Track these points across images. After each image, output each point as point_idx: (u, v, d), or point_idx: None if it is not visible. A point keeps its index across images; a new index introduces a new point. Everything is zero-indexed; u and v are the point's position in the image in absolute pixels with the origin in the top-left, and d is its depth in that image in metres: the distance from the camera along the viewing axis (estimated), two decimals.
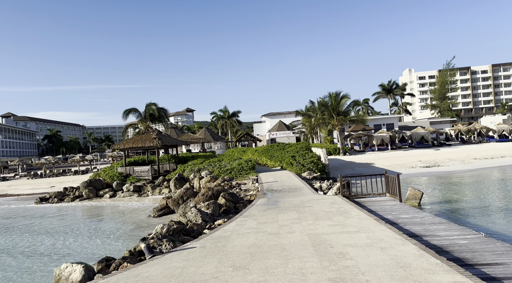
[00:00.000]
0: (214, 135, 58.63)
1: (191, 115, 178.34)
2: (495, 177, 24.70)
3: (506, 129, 51.38)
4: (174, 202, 16.51)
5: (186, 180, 25.90)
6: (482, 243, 7.81)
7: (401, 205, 13.08)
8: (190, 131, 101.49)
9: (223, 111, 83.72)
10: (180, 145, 39.88)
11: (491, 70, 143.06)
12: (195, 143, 53.59)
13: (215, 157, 35.32)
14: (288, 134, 68.11)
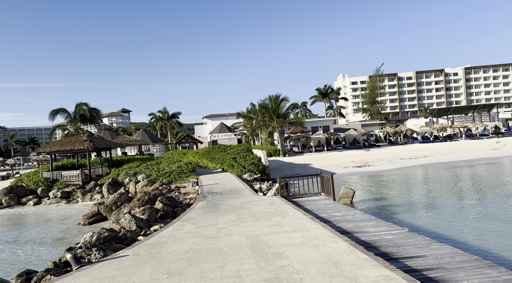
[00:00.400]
0: (152, 137, 56.68)
1: (127, 116, 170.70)
2: (419, 175, 26.96)
3: (427, 131, 56.48)
4: (106, 208, 15.60)
5: (121, 184, 24.66)
6: (406, 238, 8.42)
7: (334, 204, 13.69)
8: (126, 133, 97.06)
9: (162, 112, 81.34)
10: (115, 147, 37.89)
11: (415, 77, 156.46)
12: (132, 145, 51.32)
13: (153, 159, 34.12)
14: (229, 136, 68.16)
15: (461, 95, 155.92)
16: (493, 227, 11.74)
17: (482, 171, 26.55)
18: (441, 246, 7.56)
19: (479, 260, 6.57)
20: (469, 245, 9.90)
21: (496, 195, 17.30)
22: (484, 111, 73.05)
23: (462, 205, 15.62)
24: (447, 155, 37.63)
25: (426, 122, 71.92)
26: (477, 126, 58.63)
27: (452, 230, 11.60)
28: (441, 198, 17.59)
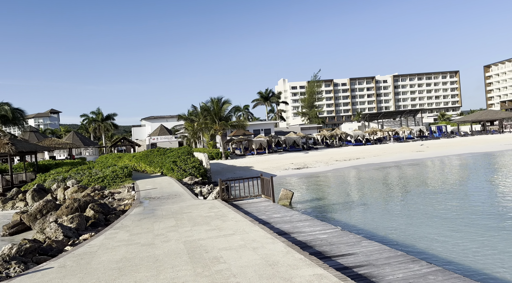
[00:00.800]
0: (84, 140, 53.26)
1: (57, 117, 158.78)
2: (352, 176, 28.49)
3: (360, 134, 60.04)
4: (30, 217, 14.26)
5: (48, 191, 22.77)
6: (339, 236, 8.81)
7: (274, 205, 13.93)
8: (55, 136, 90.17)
9: (96, 114, 76.86)
10: (41, 151, 34.95)
11: (349, 83, 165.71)
12: (61, 149, 47.73)
13: (84, 164, 32.03)
14: (170, 139, 66.39)
15: (390, 101, 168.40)
16: (417, 223, 12.76)
17: (408, 171, 28.81)
18: (370, 243, 8.03)
19: (404, 256, 7.08)
20: (395, 241, 10.63)
21: (420, 193, 18.85)
22: (410, 116, 79.59)
23: (390, 203, 16.79)
24: (377, 157, 40.27)
25: (359, 126, 76.44)
26: (404, 130, 63.62)
27: (381, 227, 12.39)
28: (371, 197, 18.75)
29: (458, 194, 18.01)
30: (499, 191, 18.17)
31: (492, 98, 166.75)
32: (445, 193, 18.30)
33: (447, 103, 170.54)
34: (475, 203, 15.36)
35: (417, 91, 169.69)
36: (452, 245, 10.02)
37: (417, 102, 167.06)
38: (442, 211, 14.27)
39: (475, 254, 9.19)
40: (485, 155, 36.89)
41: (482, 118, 69.67)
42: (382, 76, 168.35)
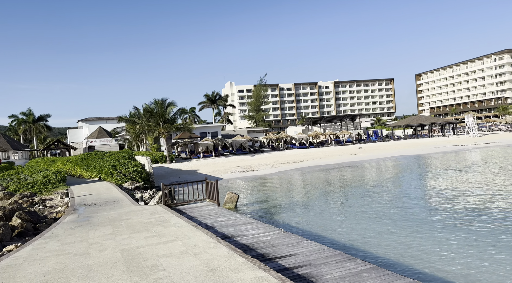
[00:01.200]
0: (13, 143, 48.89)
1: None
2: (296, 178, 29.24)
3: (304, 138, 61.95)
4: None
5: None
6: (281, 238, 8.95)
7: (219, 209, 13.82)
8: None
9: (26, 115, 70.97)
10: None
11: (294, 88, 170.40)
12: None
13: (12, 168, 29.36)
14: (109, 142, 63.22)
15: (332, 106, 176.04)
16: (354, 222, 13.39)
17: (347, 173, 30.22)
18: (310, 243, 8.25)
19: (341, 255, 7.36)
20: (334, 240, 11.05)
21: (358, 194, 19.85)
22: (350, 121, 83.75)
23: (330, 204, 17.46)
24: (319, 159, 41.79)
25: (303, 130, 78.80)
26: (344, 134, 66.78)
27: (321, 227, 12.83)
28: (314, 198, 19.37)
29: (392, 194, 19.23)
30: (428, 191, 19.72)
31: (422, 105, 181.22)
32: (380, 193, 19.46)
33: (382, 109, 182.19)
34: (407, 203, 16.50)
35: (356, 97, 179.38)
36: (386, 242, 10.65)
37: (356, 108, 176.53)
38: (377, 210, 15.13)
39: (406, 251, 9.85)
40: (416, 157, 39.90)
41: (414, 123, 75.38)
42: (325, 82, 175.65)
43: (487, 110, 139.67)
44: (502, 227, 11.34)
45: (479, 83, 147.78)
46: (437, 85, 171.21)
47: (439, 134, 75.10)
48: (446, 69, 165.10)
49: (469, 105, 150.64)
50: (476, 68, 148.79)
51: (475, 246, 9.79)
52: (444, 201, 16.20)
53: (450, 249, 9.67)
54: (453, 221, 12.52)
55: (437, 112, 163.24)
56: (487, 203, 15.17)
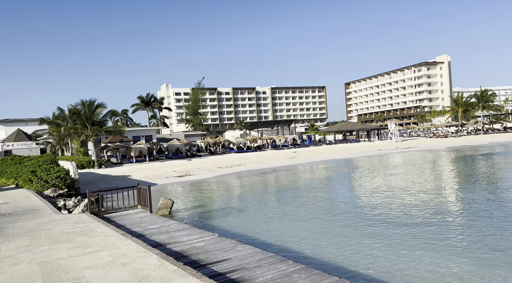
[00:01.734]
0: None
1: None
2: (234, 182, 29.28)
3: (242, 142, 62.39)
4: None
5: None
6: (215, 243, 8.85)
7: (151, 216, 13.28)
8: None
9: None
10: None
11: (232, 93, 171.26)
12: None
13: None
14: (30, 146, 57.73)
15: (269, 111, 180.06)
16: (288, 224, 13.74)
17: (283, 177, 31.03)
18: (244, 247, 8.27)
19: (274, 257, 7.48)
20: (268, 243, 11.22)
21: (292, 197, 20.43)
22: (286, 126, 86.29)
23: (266, 207, 17.74)
24: (257, 163, 42.38)
25: (241, 134, 79.41)
26: (280, 138, 68.59)
27: (256, 230, 12.96)
28: (250, 202, 19.53)
29: (323, 196, 20.12)
30: (356, 192, 20.97)
31: (351, 112, 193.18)
32: (312, 196, 20.25)
33: (316, 115, 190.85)
34: (337, 204, 17.37)
35: (292, 103, 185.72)
36: (317, 243, 11.07)
37: (292, 113, 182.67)
38: (310, 212, 15.71)
39: (335, 251, 10.32)
40: (346, 161, 42.31)
41: (343, 129, 79.96)
42: (262, 88, 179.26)
43: (408, 117, 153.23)
44: (423, 224, 12.43)
45: (400, 93, 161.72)
46: (364, 93, 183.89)
47: (366, 139, 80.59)
48: (372, 79, 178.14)
49: (392, 113, 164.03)
50: (398, 79, 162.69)
51: (398, 243, 10.59)
52: (370, 201, 17.34)
53: (375, 247, 10.34)
54: (379, 220, 13.43)
55: (364, 119, 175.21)
56: (409, 201, 16.54)
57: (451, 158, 38.39)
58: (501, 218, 12.60)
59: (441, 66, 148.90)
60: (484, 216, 12.97)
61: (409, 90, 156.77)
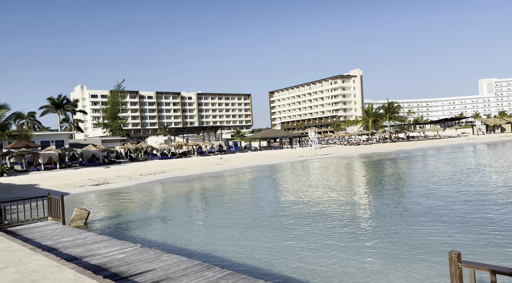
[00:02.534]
0: None
1: None
2: (157, 190, 28.22)
3: (166, 148, 60.55)
4: None
5: None
6: (138, 254, 8.45)
7: (64, 228, 12.19)
8: None
9: None
10: None
11: (155, 97, 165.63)
12: None
13: None
14: None
15: (195, 117, 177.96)
16: (215, 231, 13.68)
17: (209, 184, 30.83)
18: (170, 257, 8.03)
19: (200, 264, 7.39)
20: (195, 251, 11.05)
21: (218, 203, 20.40)
22: (212, 132, 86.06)
23: (192, 215, 17.44)
24: (182, 170, 41.47)
25: (165, 140, 77.11)
26: (206, 144, 68.15)
27: (182, 239, 12.66)
28: (174, 210, 19.02)
29: (249, 202, 20.46)
30: (280, 197, 21.71)
31: (275, 119, 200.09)
32: (238, 202, 20.47)
33: (241, 122, 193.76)
34: (263, 209, 17.80)
35: (218, 110, 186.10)
36: (243, 248, 11.21)
37: (218, 120, 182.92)
38: (236, 218, 15.85)
39: (261, 255, 10.56)
40: (270, 167, 43.61)
41: (268, 136, 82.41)
42: (188, 93, 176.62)
43: (326, 126, 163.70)
44: (341, 225, 13.33)
45: (319, 103, 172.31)
46: (286, 102, 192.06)
47: (288, 146, 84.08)
48: (294, 89, 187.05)
49: (312, 121, 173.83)
50: (317, 90, 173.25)
51: (319, 244, 11.20)
52: (292, 205, 18.09)
53: (299, 249, 10.81)
54: (301, 222, 14.07)
55: (287, 127, 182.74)
56: (328, 204, 17.61)
57: (363, 164, 41.92)
58: (406, 217, 14.11)
59: (354, 79, 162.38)
60: (392, 215, 14.39)
61: (327, 101, 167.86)
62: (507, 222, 12.35)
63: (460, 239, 10.80)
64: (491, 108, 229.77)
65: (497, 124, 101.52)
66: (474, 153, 47.35)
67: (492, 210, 14.33)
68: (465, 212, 14.17)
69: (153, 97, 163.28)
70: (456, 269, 4.44)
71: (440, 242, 10.66)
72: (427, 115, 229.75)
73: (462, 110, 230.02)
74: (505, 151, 47.71)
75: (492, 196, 17.36)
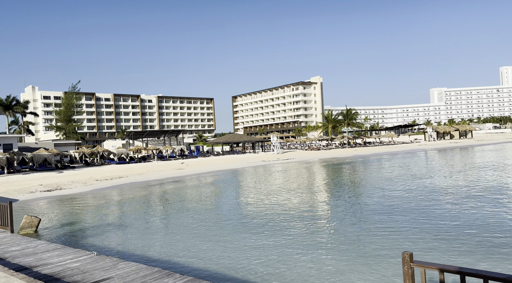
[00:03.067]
0: None
1: None
2: (114, 196, 27.21)
3: (124, 152, 58.61)
4: None
5: None
6: (94, 262, 8.10)
7: (12, 236, 11.44)
8: None
9: None
10: None
11: (113, 99, 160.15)
12: None
13: None
14: None
15: (155, 121, 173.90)
16: (175, 238, 13.42)
17: (170, 189, 30.20)
18: (127, 264, 7.78)
19: (160, 271, 7.22)
20: (155, 258, 10.77)
21: (180, 209, 20.03)
22: (173, 136, 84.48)
23: (152, 221, 16.99)
24: (141, 175, 40.31)
25: (123, 144, 74.65)
26: (167, 149, 66.79)
27: (141, 246, 12.30)
28: (134, 216, 18.44)
29: (210, 207, 20.29)
30: (241, 202, 21.71)
31: (238, 124, 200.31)
32: (200, 207, 20.23)
33: (204, 126, 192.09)
34: (223, 214, 17.71)
35: (179, 113, 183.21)
36: (204, 253, 11.09)
37: (180, 123, 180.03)
38: (197, 223, 15.65)
39: (222, 260, 10.50)
40: (232, 171, 43.53)
41: (230, 141, 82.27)
42: (148, 96, 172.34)
43: (287, 131, 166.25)
44: (302, 226, 13.55)
45: (281, 108, 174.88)
46: (249, 107, 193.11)
47: (251, 151, 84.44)
48: (257, 94, 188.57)
49: (274, 126, 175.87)
50: (279, 95, 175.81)
51: (278, 247, 11.32)
52: (253, 209, 18.16)
53: (259, 252, 10.86)
54: (261, 226, 14.15)
55: (249, 131, 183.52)
56: (288, 206, 17.85)
57: (323, 168, 43.00)
58: (362, 218, 14.64)
59: (315, 86, 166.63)
60: (348, 217, 14.87)
61: (289, 106, 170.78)
62: (455, 221, 13.18)
63: (412, 239, 11.37)
64: (441, 116, 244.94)
65: (446, 131, 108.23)
66: (425, 158, 50.15)
67: (441, 209, 15.24)
68: (416, 212, 14.95)
69: (110, 100, 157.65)
70: (409, 268, 4.69)
71: (394, 242, 11.17)
72: (382, 122, 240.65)
73: (415, 117, 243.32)
74: (454, 156, 50.97)
75: (441, 197, 18.46)
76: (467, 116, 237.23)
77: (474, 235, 11.45)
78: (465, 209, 15.45)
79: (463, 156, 50.81)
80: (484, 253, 9.84)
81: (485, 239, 10.97)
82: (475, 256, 9.56)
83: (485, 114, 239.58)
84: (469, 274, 4.33)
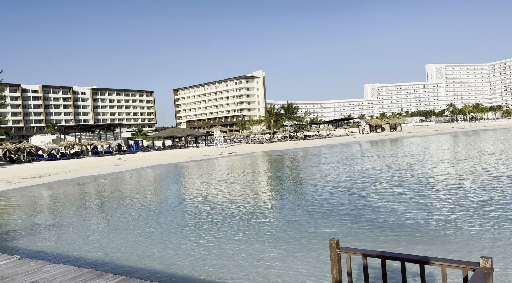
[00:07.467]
0: None
1: None
2: (43, 195, 25.27)
3: (54, 148, 54.54)
4: None
5: None
6: (16, 266, 7.47)
7: None
8: None
9: None
10: None
11: (42, 91, 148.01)
12: None
13: None
14: None
15: (89, 114, 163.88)
16: (110, 237, 12.83)
17: (106, 186, 28.76)
18: (54, 267, 7.28)
19: (90, 272, 6.86)
20: (87, 259, 10.22)
21: (115, 206, 19.17)
22: (110, 131, 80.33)
23: (84, 220, 16.06)
24: (74, 172, 37.86)
25: (53, 139, 69.49)
26: (103, 144, 63.37)
27: (72, 247, 11.59)
28: (63, 216, 17.29)
29: (150, 203, 19.69)
30: (181, 196, 21.35)
31: (180, 118, 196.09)
32: (139, 202, 19.55)
33: (144, 120, 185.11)
34: (162, 209, 17.30)
35: (116, 106, 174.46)
36: (139, 251, 10.75)
37: (117, 117, 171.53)
38: (133, 220, 15.11)
39: (158, 256, 10.26)
40: (174, 166, 42.62)
41: (172, 135, 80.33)
42: (81, 88, 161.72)
43: (231, 125, 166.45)
44: (243, 219, 13.68)
45: (224, 102, 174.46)
46: (192, 101, 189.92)
47: (194, 145, 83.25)
48: (200, 88, 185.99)
49: (218, 120, 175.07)
50: (222, 89, 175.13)
51: (221, 240, 11.33)
52: (195, 203, 17.97)
53: (201, 248, 10.79)
54: (204, 220, 14.05)
55: (192, 125, 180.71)
56: (232, 200, 17.92)
57: (266, 161, 43.81)
58: (298, 208, 15.19)
59: (258, 80, 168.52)
60: (286, 208, 15.35)
61: (232, 100, 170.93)
62: (384, 210, 14.22)
63: (344, 226, 12.06)
64: (374, 110, 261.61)
65: (378, 125, 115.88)
66: (359, 149, 53.31)
67: (372, 199, 16.35)
68: (349, 202, 15.88)
69: (39, 92, 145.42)
70: (336, 255, 4.96)
71: (325, 230, 11.75)
72: (321, 116, 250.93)
73: (350, 111, 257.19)
74: (384, 147, 54.82)
75: (372, 187, 19.79)
76: (397, 110, 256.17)
77: (394, 221, 12.45)
78: (390, 194, 16.73)
79: (392, 146, 54.90)
80: (405, 239, 10.75)
81: (404, 225, 11.99)
82: (399, 242, 10.41)
83: (412, 108, 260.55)
84: (389, 257, 4.70)
